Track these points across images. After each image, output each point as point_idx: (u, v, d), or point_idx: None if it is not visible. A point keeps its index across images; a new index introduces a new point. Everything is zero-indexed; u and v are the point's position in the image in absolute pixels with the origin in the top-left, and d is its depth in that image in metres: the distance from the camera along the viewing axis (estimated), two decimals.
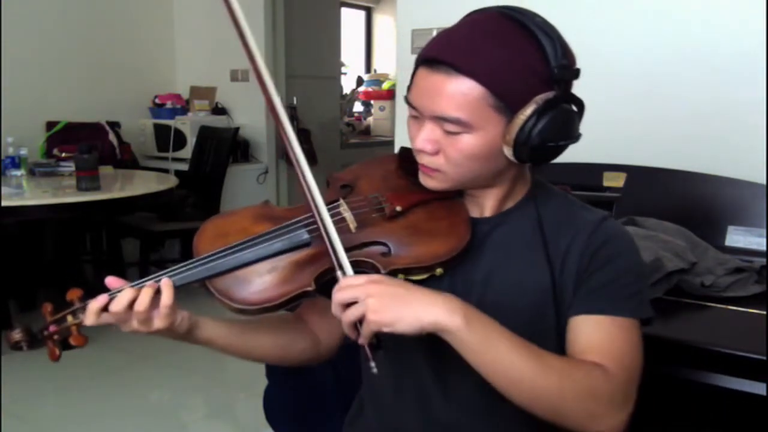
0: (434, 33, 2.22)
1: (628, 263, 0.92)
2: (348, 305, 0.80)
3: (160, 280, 0.87)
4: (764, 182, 1.60)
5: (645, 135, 1.94)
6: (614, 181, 1.72)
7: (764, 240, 1.53)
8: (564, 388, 0.82)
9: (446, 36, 0.87)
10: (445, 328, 0.79)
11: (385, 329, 0.78)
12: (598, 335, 0.88)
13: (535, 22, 0.84)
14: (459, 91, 0.82)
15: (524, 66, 0.82)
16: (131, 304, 0.84)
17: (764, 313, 1.24)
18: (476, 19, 0.87)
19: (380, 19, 7.02)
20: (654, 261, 1.32)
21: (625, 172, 1.72)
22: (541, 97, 0.83)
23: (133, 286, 0.86)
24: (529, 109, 0.83)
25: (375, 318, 0.77)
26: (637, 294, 0.92)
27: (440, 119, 0.85)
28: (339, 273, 0.84)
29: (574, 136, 0.87)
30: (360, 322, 0.79)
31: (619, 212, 1.61)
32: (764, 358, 1.05)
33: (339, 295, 0.81)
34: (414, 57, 0.91)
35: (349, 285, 0.80)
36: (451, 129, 0.85)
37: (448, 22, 0.91)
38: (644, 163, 1.73)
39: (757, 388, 1.07)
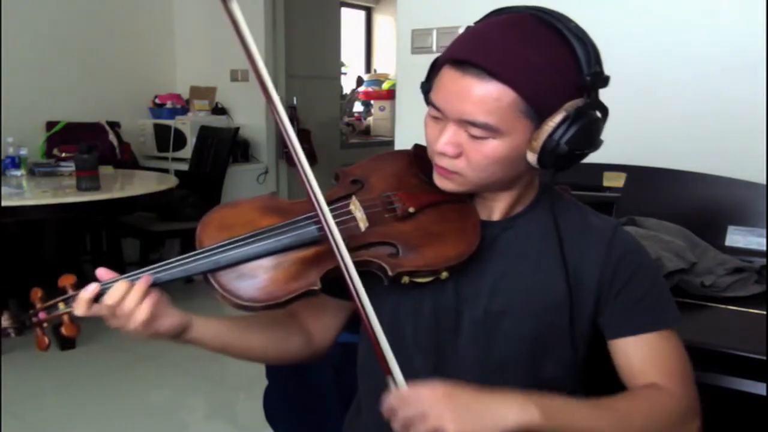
0: (434, 33, 2.22)
1: (650, 276, 0.93)
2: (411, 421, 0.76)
3: (154, 272, 0.85)
4: (764, 182, 1.60)
5: (645, 135, 1.93)
6: (614, 181, 1.72)
7: (764, 240, 1.53)
8: (646, 427, 0.85)
9: (477, 36, 0.84)
10: (530, 426, 0.77)
11: None
12: (648, 355, 0.90)
13: (569, 27, 0.82)
14: (490, 96, 0.80)
15: (558, 73, 0.81)
16: (123, 298, 0.82)
17: (764, 313, 1.24)
18: (508, 20, 0.84)
19: (380, 19, 7.02)
20: (654, 261, 1.31)
21: (625, 172, 1.72)
22: (571, 105, 0.81)
23: (126, 278, 0.84)
24: (558, 117, 0.81)
25: None
26: (667, 302, 0.94)
27: (467, 123, 0.83)
28: (391, 383, 0.81)
29: (597, 144, 0.86)
30: None
31: (619, 212, 1.61)
32: (764, 358, 1.05)
33: (402, 412, 0.77)
34: (414, 57, 0.90)
35: (415, 400, 0.77)
36: (478, 134, 0.83)
37: (449, 22, 0.90)
38: (644, 163, 1.73)
39: (757, 388, 1.06)
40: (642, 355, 0.90)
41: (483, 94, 0.80)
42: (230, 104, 4.45)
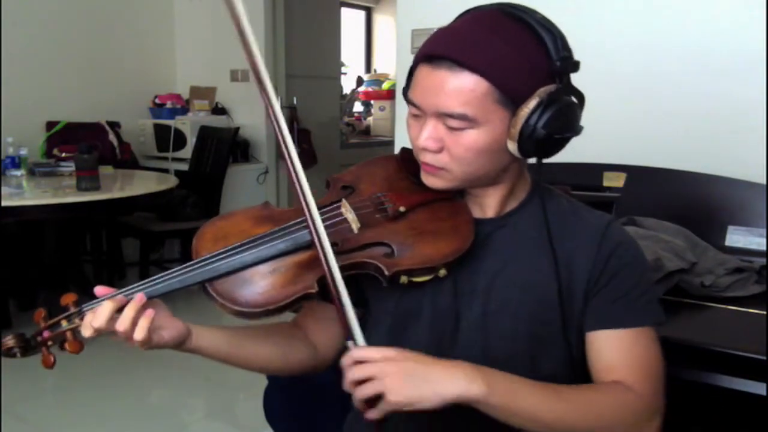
0: None
1: (638, 272, 0.93)
2: (361, 381, 0.78)
3: (150, 286, 0.86)
4: (764, 182, 1.60)
5: (645, 135, 1.94)
6: (614, 181, 1.72)
7: (764, 240, 1.53)
8: (600, 420, 0.85)
9: (447, 32, 0.87)
10: (470, 399, 0.78)
11: (405, 408, 0.77)
12: (620, 351, 0.89)
13: (535, 18, 0.85)
14: (464, 87, 0.82)
15: (527, 60, 0.83)
16: (113, 316, 0.83)
17: (764, 313, 1.24)
18: (476, 15, 0.87)
19: (380, 19, 7.02)
20: (654, 261, 1.31)
21: (625, 172, 1.72)
22: (543, 90, 0.83)
23: (121, 294, 0.86)
24: (532, 103, 0.83)
25: (395, 399, 0.76)
26: (651, 301, 0.93)
27: (444, 115, 0.85)
28: (350, 342, 0.82)
29: (576, 129, 0.87)
30: (374, 398, 0.77)
31: (619, 212, 1.61)
32: (764, 358, 1.05)
33: (353, 373, 0.79)
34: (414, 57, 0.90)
35: (363, 360, 0.79)
36: (456, 125, 0.84)
37: (449, 22, 0.91)
38: (644, 163, 1.73)
39: (757, 388, 1.06)
40: (612, 349, 0.90)
41: (457, 86, 0.82)
42: (230, 104, 4.45)
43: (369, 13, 7.01)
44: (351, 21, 6.64)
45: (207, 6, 4.41)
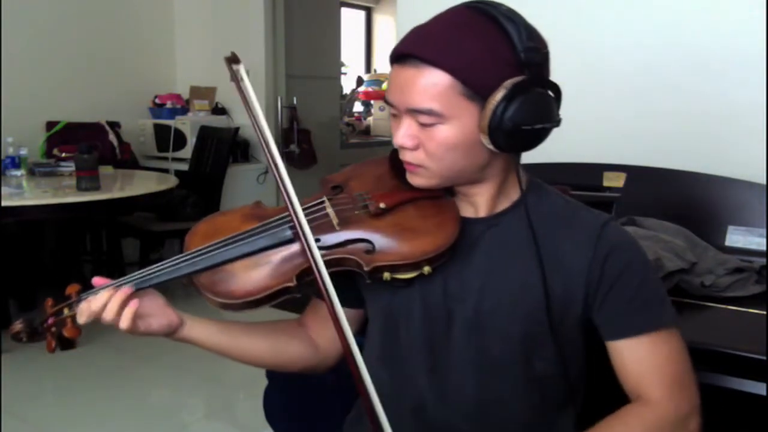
0: None
1: (640, 271, 0.92)
2: None
3: (138, 280, 0.92)
4: (764, 182, 1.60)
5: (645, 135, 1.93)
6: (614, 181, 1.72)
7: (764, 240, 1.53)
8: None
9: (414, 32, 0.88)
10: None
11: None
12: (640, 359, 0.89)
13: (500, 10, 0.85)
14: (429, 83, 0.83)
15: (490, 52, 0.83)
16: (104, 308, 0.89)
17: (764, 313, 1.24)
18: (444, 13, 0.89)
19: (380, 19, 7.03)
20: (654, 261, 1.31)
21: (625, 172, 1.72)
22: (510, 82, 0.83)
23: (110, 287, 0.91)
24: (498, 94, 0.83)
25: None
26: (661, 301, 0.92)
27: (414, 112, 0.86)
28: None
29: (551, 120, 0.86)
30: None
31: (619, 212, 1.61)
32: (764, 358, 1.05)
33: None
34: None
35: None
36: (426, 121, 0.85)
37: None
38: (644, 163, 1.73)
39: (757, 388, 1.06)
40: (634, 358, 0.89)
41: (422, 82, 0.84)
42: (230, 104, 4.45)
43: (369, 13, 7.02)
44: (351, 21, 6.64)
45: (207, 6, 4.41)
